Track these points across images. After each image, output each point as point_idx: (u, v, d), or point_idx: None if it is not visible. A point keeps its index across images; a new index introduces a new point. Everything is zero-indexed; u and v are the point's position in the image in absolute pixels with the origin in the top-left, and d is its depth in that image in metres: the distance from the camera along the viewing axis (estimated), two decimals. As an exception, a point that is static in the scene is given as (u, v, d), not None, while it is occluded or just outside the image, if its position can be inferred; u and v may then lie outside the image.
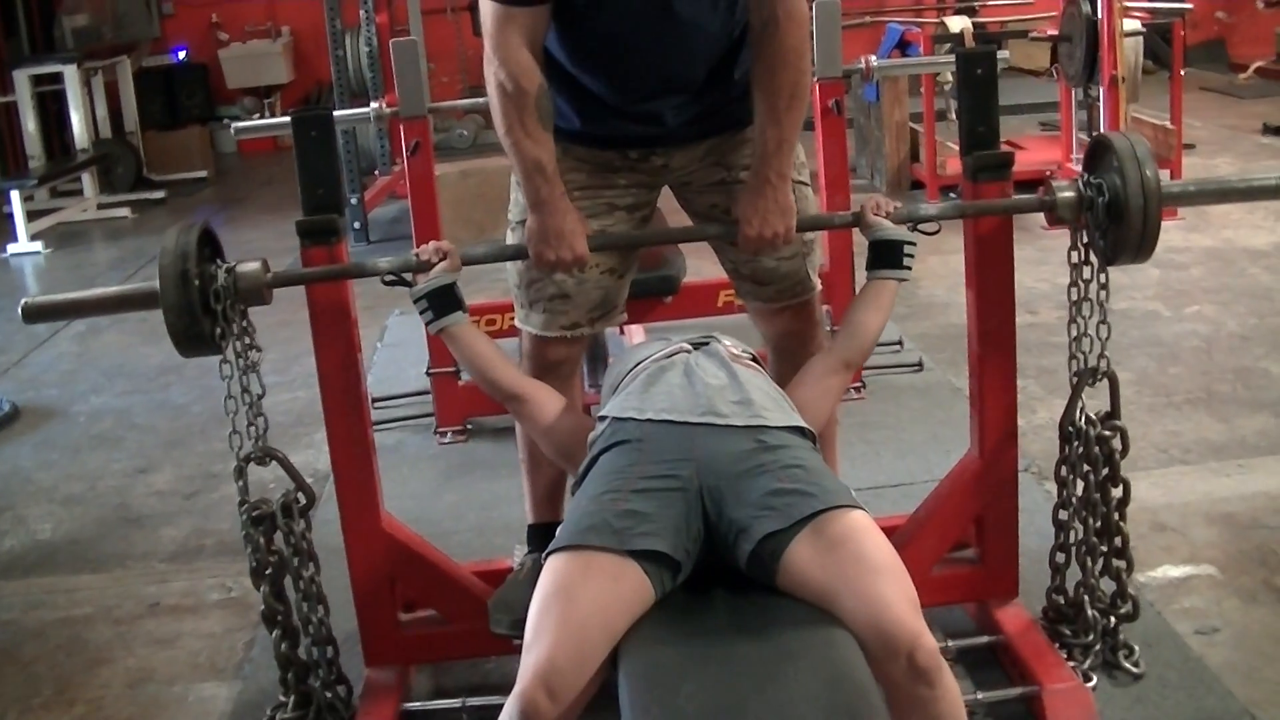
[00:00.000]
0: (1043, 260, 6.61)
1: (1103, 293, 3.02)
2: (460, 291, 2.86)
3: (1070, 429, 3.13)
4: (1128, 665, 3.13)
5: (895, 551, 2.34)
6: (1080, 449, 3.11)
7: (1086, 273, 3.04)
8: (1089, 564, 3.14)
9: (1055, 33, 8.19)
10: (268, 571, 2.99)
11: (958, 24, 8.62)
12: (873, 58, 4.96)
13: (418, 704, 3.19)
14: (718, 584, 2.41)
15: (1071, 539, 3.17)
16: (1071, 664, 3.09)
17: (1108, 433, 3.08)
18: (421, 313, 2.85)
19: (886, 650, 2.15)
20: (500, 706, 2.21)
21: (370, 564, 3.13)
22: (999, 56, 3.16)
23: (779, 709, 2.03)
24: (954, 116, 8.49)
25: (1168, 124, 8.46)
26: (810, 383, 2.83)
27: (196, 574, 4.15)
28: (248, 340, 2.88)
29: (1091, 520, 3.12)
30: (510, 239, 3.07)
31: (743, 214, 2.91)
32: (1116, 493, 3.11)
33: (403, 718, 3.13)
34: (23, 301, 2.91)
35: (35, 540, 4.54)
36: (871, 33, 9.61)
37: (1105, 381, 3.09)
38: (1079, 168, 8.04)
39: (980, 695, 2.99)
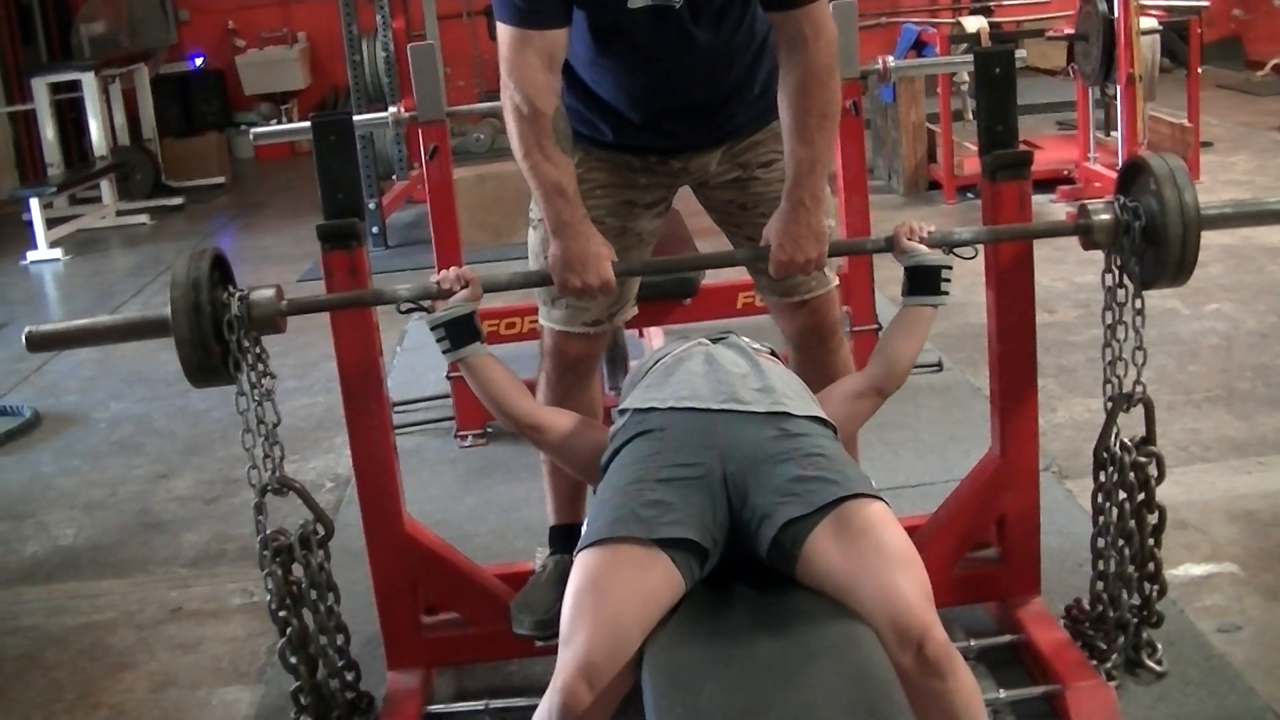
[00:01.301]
0: (1060, 259, 6.60)
1: (1138, 318, 2.96)
2: (479, 321, 2.82)
3: (1105, 454, 3.09)
4: (1150, 663, 3.12)
5: (911, 543, 2.34)
6: (1115, 476, 3.07)
7: (1121, 296, 2.98)
8: (1121, 595, 3.11)
9: (1071, 31, 8.17)
10: (286, 603, 2.95)
11: (974, 24, 8.61)
12: (889, 58, 4.96)
13: (440, 706, 3.19)
14: (739, 582, 2.42)
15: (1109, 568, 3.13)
16: (1094, 662, 3.08)
17: (1143, 459, 3.04)
18: (439, 341, 2.81)
19: (899, 641, 2.16)
20: (523, 709, 2.22)
21: (392, 567, 3.13)
22: (1016, 56, 3.14)
23: (801, 708, 2.04)
24: (971, 116, 8.49)
25: (1185, 122, 8.46)
26: (838, 400, 2.81)
27: (218, 579, 4.16)
28: (262, 368, 2.84)
29: (1128, 548, 3.08)
30: (530, 237, 3.08)
31: (776, 238, 2.86)
32: (1152, 519, 3.08)
33: (425, 720, 3.14)
34: (26, 330, 2.84)
35: (57, 546, 4.55)
36: (887, 33, 9.60)
37: (1139, 408, 3.05)
38: (1096, 167, 8.03)
39: (1003, 694, 2.99)
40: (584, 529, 2.45)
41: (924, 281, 2.86)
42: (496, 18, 2.79)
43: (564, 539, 3.16)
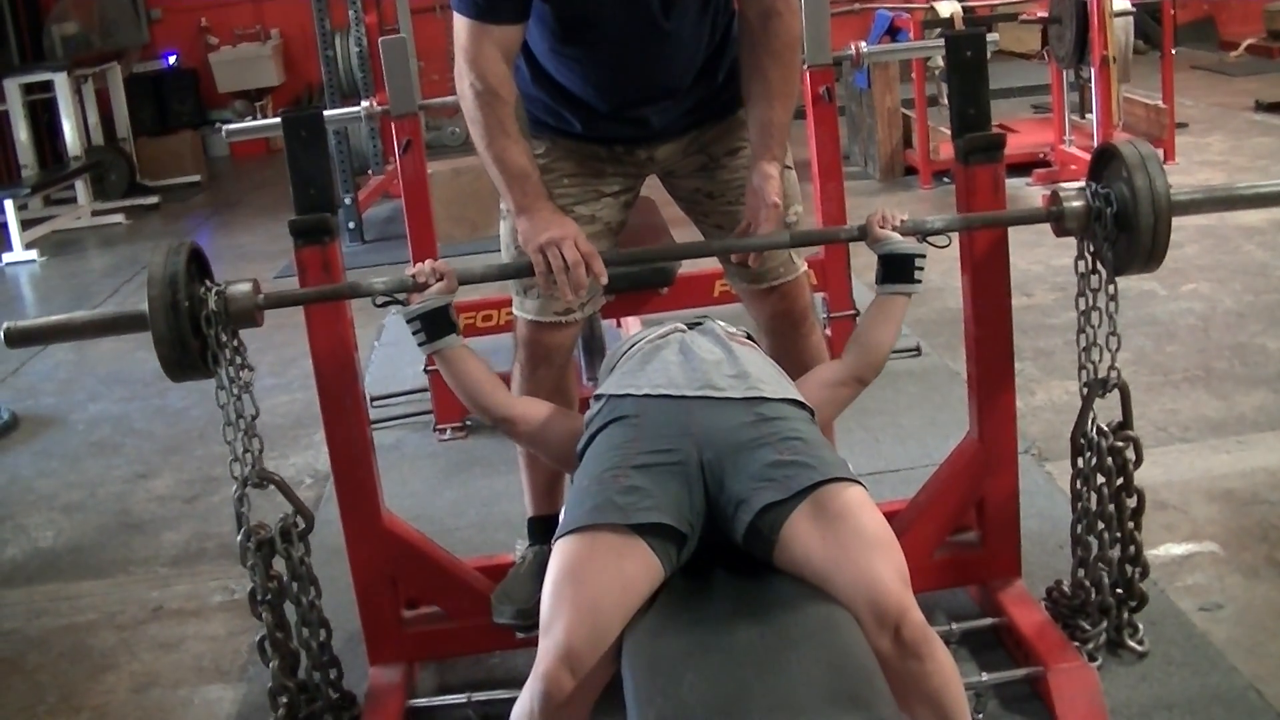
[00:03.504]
0: (1037, 243, 6.60)
1: (1111, 304, 2.98)
2: (454, 314, 2.81)
3: (1082, 440, 3.11)
4: (1132, 644, 3.13)
5: (889, 526, 2.35)
6: (1094, 460, 3.08)
7: (1094, 282, 2.99)
8: (1103, 579, 3.12)
9: (1045, 15, 8.19)
10: (268, 598, 2.93)
11: (947, 8, 8.60)
12: (862, 44, 4.97)
13: (423, 700, 3.19)
14: (718, 570, 2.41)
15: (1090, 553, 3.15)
16: (1076, 644, 3.09)
17: (1120, 444, 3.06)
18: (414, 333, 2.80)
19: (877, 624, 2.17)
20: (506, 701, 2.22)
21: (372, 562, 3.12)
22: (989, 39, 3.14)
23: (782, 696, 2.03)
24: (945, 101, 8.50)
25: (1159, 103, 8.48)
26: (817, 387, 2.81)
27: (199, 577, 4.15)
28: (240, 361, 2.83)
29: (1107, 532, 3.10)
30: (503, 229, 3.08)
31: (759, 187, 2.91)
32: (1131, 503, 3.09)
33: (408, 715, 3.13)
34: (4, 326, 2.81)
35: (37, 548, 4.54)
36: (861, 20, 9.59)
37: (1116, 392, 3.07)
38: (1072, 149, 8.04)
39: (985, 677, 2.99)
40: (561, 517, 2.45)
41: (898, 269, 2.86)
42: (454, 9, 2.81)
43: (543, 530, 3.16)
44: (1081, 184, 2.98)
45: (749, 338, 2.93)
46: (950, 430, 3.92)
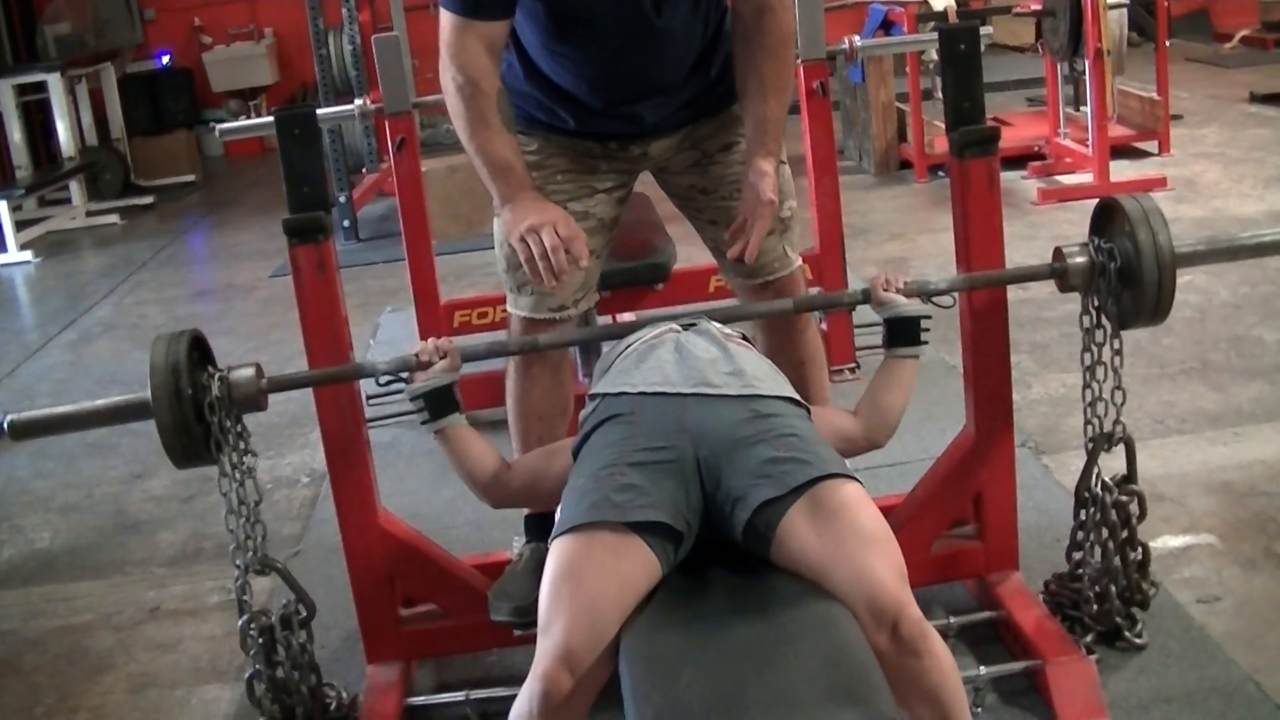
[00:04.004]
0: (1033, 236, 6.62)
1: (1117, 358, 3.00)
2: (458, 393, 2.85)
3: (1086, 495, 3.12)
4: (1131, 636, 3.12)
5: (886, 522, 2.34)
6: (1098, 515, 3.10)
7: (1099, 336, 3.01)
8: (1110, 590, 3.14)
9: (1039, 7, 8.17)
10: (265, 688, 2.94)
11: (941, 2, 8.60)
12: (856, 38, 4.96)
13: (421, 699, 3.18)
14: (715, 567, 2.40)
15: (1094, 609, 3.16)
16: (1074, 636, 3.09)
17: (1124, 498, 3.07)
18: (418, 411, 2.84)
19: (875, 621, 2.16)
20: (504, 699, 2.22)
21: (369, 561, 3.12)
22: (983, 33, 3.14)
23: (779, 692, 2.03)
24: (940, 95, 8.49)
25: (1154, 95, 8.48)
26: (830, 434, 2.74)
27: (195, 577, 4.14)
28: (243, 446, 2.85)
29: (1114, 590, 3.12)
30: (496, 225, 3.07)
31: (755, 183, 2.91)
32: (1135, 556, 3.11)
33: (406, 713, 3.13)
34: (8, 419, 2.84)
35: (33, 549, 4.53)
36: (855, 14, 9.59)
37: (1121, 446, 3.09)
38: (1067, 142, 8.04)
39: (983, 671, 2.98)
40: (558, 515, 2.45)
41: (904, 332, 2.89)
42: (441, 4, 2.82)
43: (539, 528, 3.15)
44: (1085, 242, 2.99)
45: (744, 337, 2.93)
46: (947, 424, 3.92)
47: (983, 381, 3.18)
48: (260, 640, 2.90)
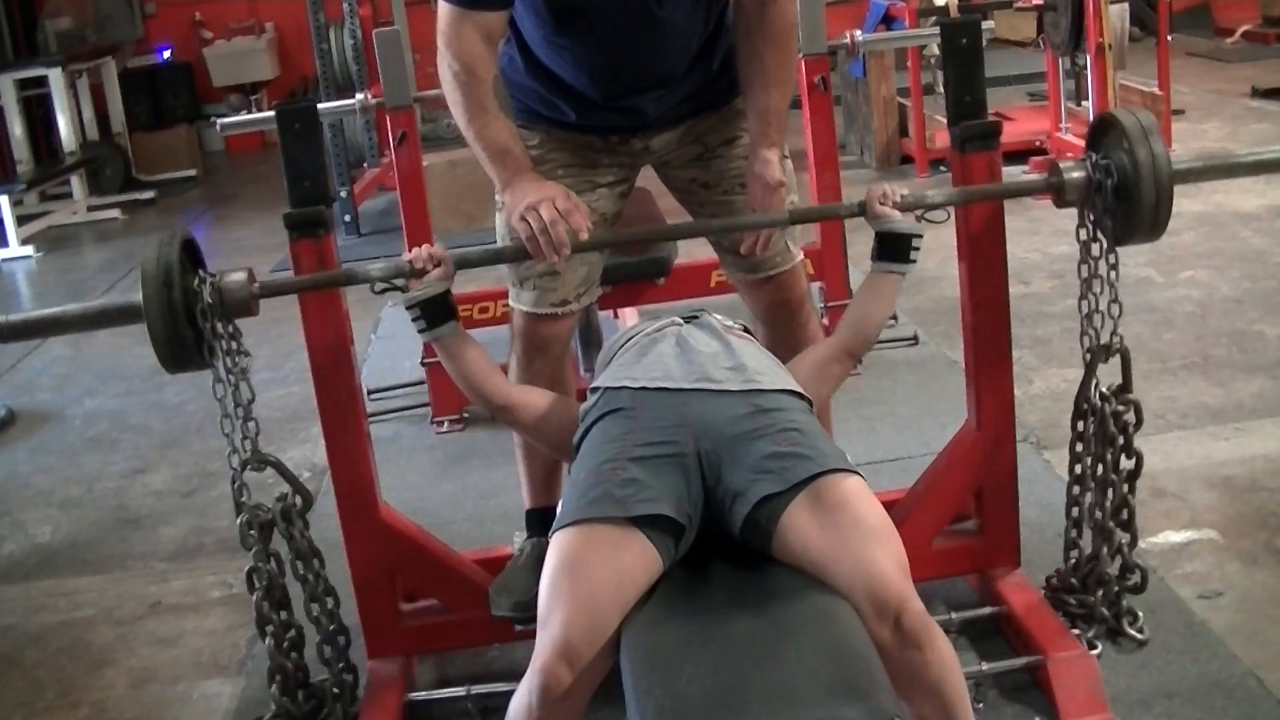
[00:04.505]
0: (1034, 230, 6.61)
1: (1113, 272, 2.99)
2: (453, 300, 2.82)
3: (1085, 405, 3.12)
4: (1132, 632, 3.12)
5: (887, 516, 2.35)
6: (1095, 424, 3.10)
7: (1095, 250, 3.00)
8: (1099, 540, 3.13)
9: (1040, 2, 8.17)
10: (264, 581, 2.94)
11: (942, -4, 8.60)
12: (857, 32, 4.96)
13: (422, 694, 3.18)
14: (716, 561, 2.41)
15: (1084, 515, 3.17)
16: (1076, 632, 3.08)
17: (1121, 407, 3.07)
18: (414, 320, 2.80)
19: (877, 614, 2.16)
20: (505, 694, 2.21)
21: (369, 556, 3.12)
22: (984, 27, 3.13)
23: (781, 686, 2.03)
24: (941, 89, 8.49)
25: (1155, 90, 8.46)
26: (808, 367, 2.81)
27: (197, 572, 4.14)
28: (236, 346, 2.82)
29: (1104, 496, 3.11)
30: (498, 220, 3.07)
31: (761, 172, 2.91)
32: (1128, 464, 3.10)
33: (407, 708, 3.12)
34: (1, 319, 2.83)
35: (34, 544, 4.53)
36: (856, 9, 9.58)
37: (1116, 357, 3.08)
38: (1068, 137, 8.01)
39: (985, 666, 2.98)
40: (558, 510, 2.44)
41: (894, 248, 2.86)
42: None
43: (540, 522, 3.15)
44: (1081, 156, 2.97)
45: (746, 330, 2.92)
46: (948, 419, 3.92)
47: (984, 376, 3.17)
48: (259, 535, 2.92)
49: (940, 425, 4.19)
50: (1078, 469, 3.18)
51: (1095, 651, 3.05)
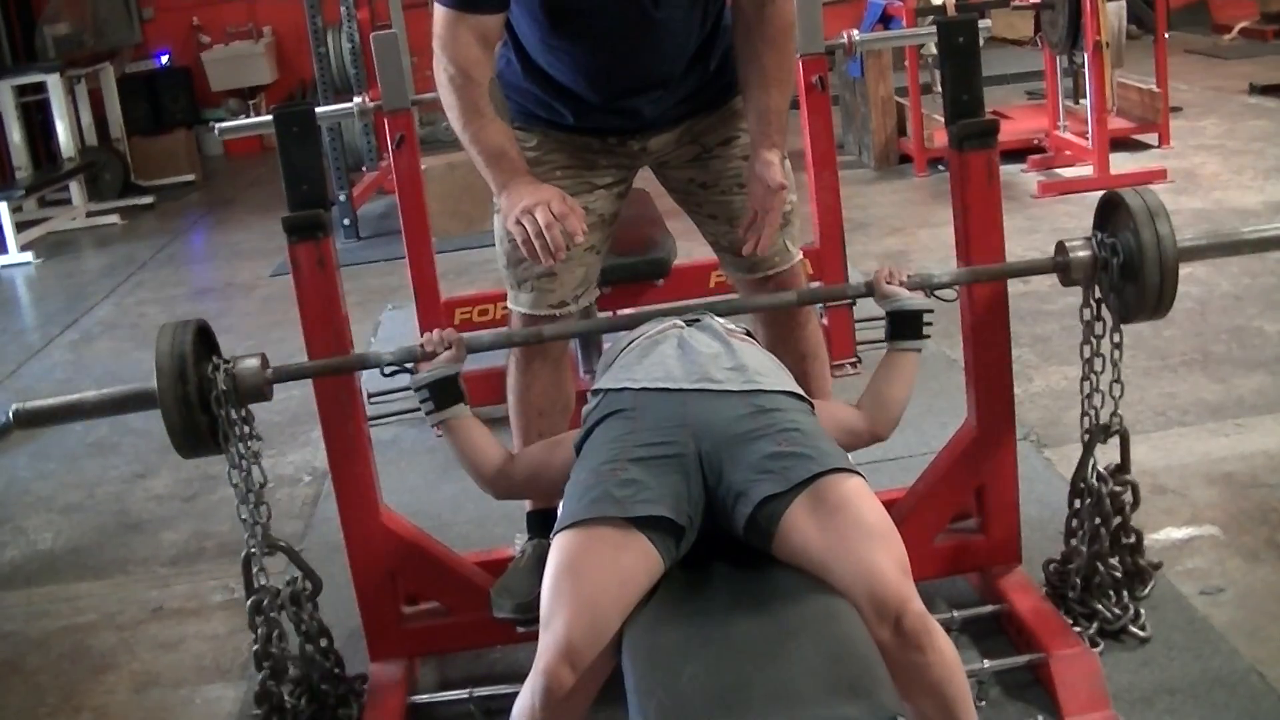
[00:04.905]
0: (1033, 229, 6.61)
1: (1117, 351, 3.02)
2: (462, 384, 2.85)
3: (1082, 485, 3.14)
4: (1134, 629, 3.13)
5: (888, 516, 2.34)
6: (1092, 504, 3.12)
7: (1099, 329, 3.03)
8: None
9: (1037, 1, 8.17)
10: (268, 663, 2.98)
11: (939, -4, 8.59)
12: (854, 32, 4.95)
13: (424, 696, 3.18)
14: (717, 561, 2.41)
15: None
16: (1077, 629, 3.08)
17: (1119, 488, 3.10)
18: (422, 402, 2.83)
19: (878, 615, 2.16)
20: (507, 696, 2.21)
21: (371, 559, 3.12)
22: (981, 26, 3.14)
23: (782, 686, 2.03)
24: (939, 88, 8.49)
25: (1153, 88, 8.47)
26: (833, 427, 2.74)
27: (198, 576, 4.14)
28: (249, 430, 2.85)
29: (1108, 580, 3.16)
30: (496, 221, 3.07)
31: (762, 174, 2.91)
32: (1129, 541, 3.16)
33: (410, 711, 3.13)
34: (13, 409, 2.85)
35: (36, 550, 4.53)
36: (853, 9, 9.58)
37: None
38: (1067, 135, 8.01)
39: (987, 664, 2.98)
40: (559, 511, 2.45)
41: (907, 326, 2.89)
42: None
43: (542, 524, 3.14)
44: (1087, 236, 2.99)
45: (747, 333, 2.93)
46: (948, 418, 3.92)
47: (984, 375, 3.17)
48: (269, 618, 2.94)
49: (940, 424, 4.18)
50: (1070, 543, 3.21)
51: (1097, 649, 3.05)
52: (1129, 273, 2.88)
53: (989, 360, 3.16)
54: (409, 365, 2.87)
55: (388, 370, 2.89)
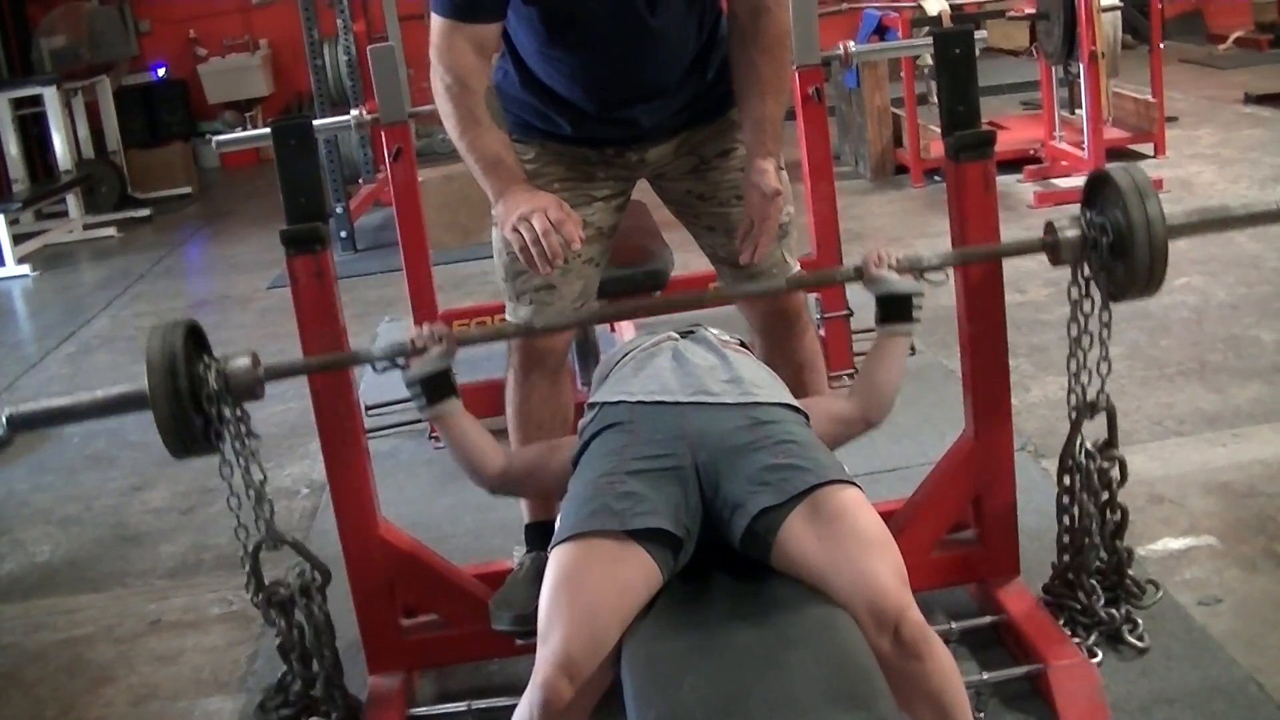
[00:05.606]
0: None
1: (1105, 330, 3.00)
2: (454, 378, 2.85)
3: (1070, 462, 3.13)
4: (1132, 639, 3.12)
5: (885, 527, 2.35)
6: (1081, 480, 3.12)
7: (1087, 307, 3.01)
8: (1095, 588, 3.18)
9: (1033, 11, 8.19)
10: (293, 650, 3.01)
11: (935, 6, 8.60)
12: (851, 43, 4.96)
13: (423, 709, 3.18)
14: (716, 571, 2.41)
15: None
16: (1076, 640, 3.09)
17: (1106, 464, 3.10)
18: (414, 398, 2.84)
19: (876, 625, 2.17)
20: (506, 708, 2.21)
21: (369, 571, 3.12)
22: (977, 37, 3.14)
23: (781, 696, 2.03)
24: (935, 99, 8.50)
25: (1149, 97, 8.48)
26: (824, 419, 2.78)
27: (196, 589, 4.14)
28: (244, 430, 2.84)
29: (1097, 555, 3.16)
30: (494, 234, 3.08)
31: (758, 182, 2.91)
32: (1115, 518, 3.15)
33: (409, 723, 3.13)
34: (6, 413, 2.84)
35: (34, 562, 4.53)
36: (849, 19, 9.58)
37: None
38: (1063, 145, 8.02)
39: (985, 675, 2.98)
40: (557, 524, 2.45)
41: (896, 309, 2.88)
42: (432, 9, 2.84)
43: (540, 536, 3.15)
44: (1075, 215, 2.98)
45: (742, 344, 2.93)
46: (946, 428, 3.92)
47: (981, 385, 3.18)
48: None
49: (938, 435, 4.18)
50: (1065, 520, 3.20)
51: (1095, 659, 3.05)
52: (1119, 251, 2.86)
53: (986, 370, 3.16)
54: (400, 362, 2.87)
55: (379, 367, 2.88)
